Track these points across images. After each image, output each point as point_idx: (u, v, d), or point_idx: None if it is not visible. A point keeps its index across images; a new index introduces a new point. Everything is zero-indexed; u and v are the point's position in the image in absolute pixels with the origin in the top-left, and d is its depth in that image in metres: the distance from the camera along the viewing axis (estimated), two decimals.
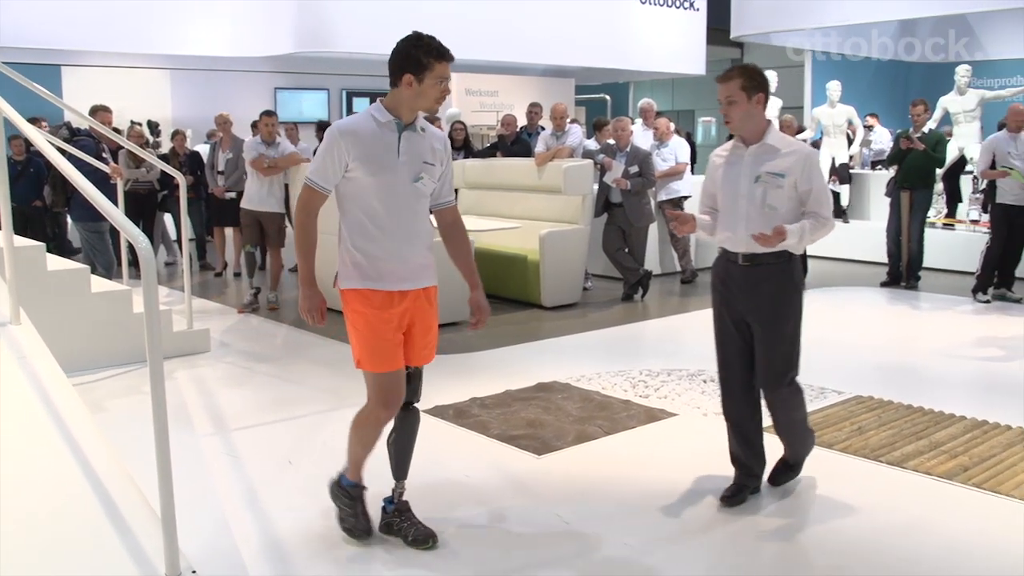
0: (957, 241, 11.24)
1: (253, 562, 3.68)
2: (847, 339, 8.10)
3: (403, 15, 12.84)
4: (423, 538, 3.78)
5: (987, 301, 9.35)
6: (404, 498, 3.89)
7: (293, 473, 4.72)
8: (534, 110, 11.01)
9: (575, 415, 5.54)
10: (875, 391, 6.06)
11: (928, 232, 10.44)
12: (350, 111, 15.47)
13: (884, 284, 10.28)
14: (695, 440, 5.25)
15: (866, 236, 11.82)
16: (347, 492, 3.87)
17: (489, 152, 10.88)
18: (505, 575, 3.68)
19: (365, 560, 3.73)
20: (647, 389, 6.13)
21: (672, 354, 7.21)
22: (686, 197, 10.26)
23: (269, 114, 9.13)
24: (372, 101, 3.85)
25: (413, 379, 3.80)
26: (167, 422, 2.80)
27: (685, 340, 7.92)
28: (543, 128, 10.57)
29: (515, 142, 10.55)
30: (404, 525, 3.82)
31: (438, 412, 5.62)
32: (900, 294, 10.01)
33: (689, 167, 10.67)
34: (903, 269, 10.24)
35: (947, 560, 3.79)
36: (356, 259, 3.60)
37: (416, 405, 3.87)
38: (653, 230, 9.96)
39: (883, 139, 14.05)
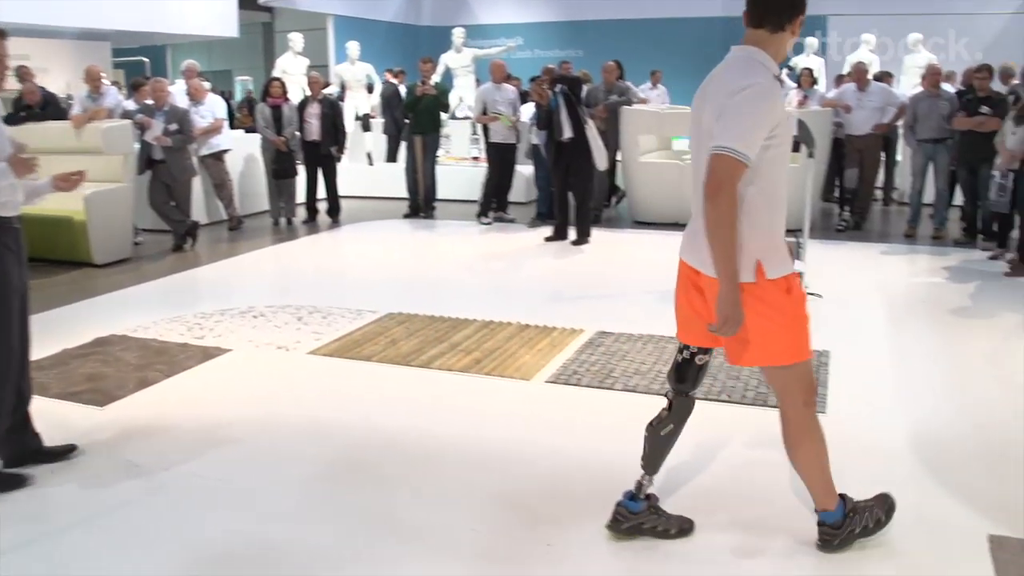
0: (463, 175, 11.83)
1: None
2: (377, 265, 8.30)
3: None
4: (689, 526, 3.12)
5: (489, 223, 10.03)
6: (651, 491, 3.14)
7: None
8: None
9: (134, 363, 5.12)
10: (403, 307, 6.26)
11: (439, 169, 10.90)
12: None
13: (406, 216, 10.61)
14: (249, 370, 5.10)
15: (389, 176, 12.08)
16: (856, 513, 2.98)
17: (17, 119, 8.85)
18: (89, 520, 3.32)
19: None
20: (202, 331, 5.82)
21: (224, 296, 6.88)
22: (226, 150, 9.86)
23: None
24: None
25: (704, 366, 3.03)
26: None
27: (235, 282, 7.59)
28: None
29: (45, 107, 9.26)
30: (661, 521, 3.10)
31: None
32: (420, 223, 10.42)
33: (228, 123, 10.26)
34: (421, 202, 10.65)
35: (472, 425, 4.04)
36: (776, 241, 2.75)
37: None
38: (197, 182, 9.42)
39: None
